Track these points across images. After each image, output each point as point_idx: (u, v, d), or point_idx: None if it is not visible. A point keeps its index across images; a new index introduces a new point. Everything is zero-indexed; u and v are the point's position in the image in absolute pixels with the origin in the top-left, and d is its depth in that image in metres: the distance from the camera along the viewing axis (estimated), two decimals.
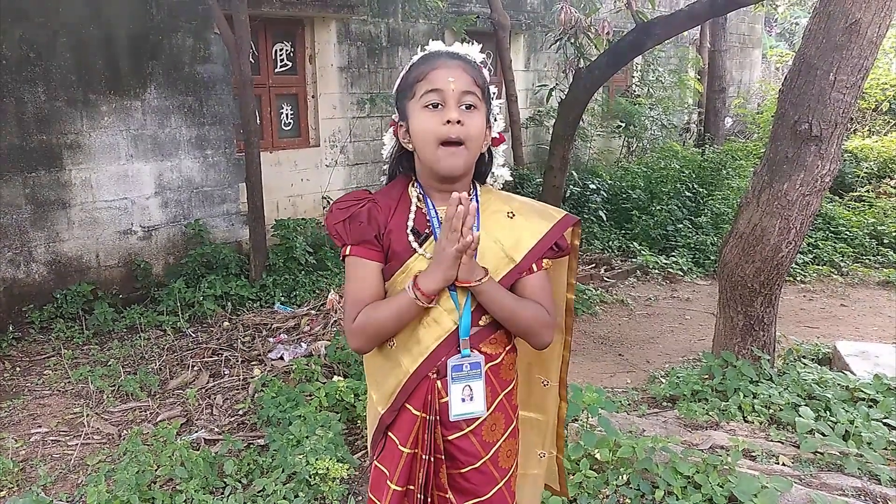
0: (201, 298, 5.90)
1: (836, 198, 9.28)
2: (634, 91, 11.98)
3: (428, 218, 1.67)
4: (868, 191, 9.72)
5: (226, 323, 5.67)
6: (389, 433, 1.72)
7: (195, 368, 4.77)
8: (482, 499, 1.72)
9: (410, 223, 1.66)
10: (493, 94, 1.73)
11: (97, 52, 5.88)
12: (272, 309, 5.98)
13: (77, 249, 5.96)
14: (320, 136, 7.98)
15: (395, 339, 1.68)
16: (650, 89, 11.79)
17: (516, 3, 10.01)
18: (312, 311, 5.55)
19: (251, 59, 6.43)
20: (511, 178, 1.88)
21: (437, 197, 1.69)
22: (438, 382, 1.65)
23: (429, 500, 1.69)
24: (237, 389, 4.45)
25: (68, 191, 5.86)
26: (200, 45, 6.54)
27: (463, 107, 1.60)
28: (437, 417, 1.66)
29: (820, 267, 7.30)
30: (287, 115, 7.84)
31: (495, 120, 1.73)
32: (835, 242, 7.83)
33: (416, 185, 1.72)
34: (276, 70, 7.67)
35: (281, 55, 7.70)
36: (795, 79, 3.55)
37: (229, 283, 6.18)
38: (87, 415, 4.11)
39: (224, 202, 6.94)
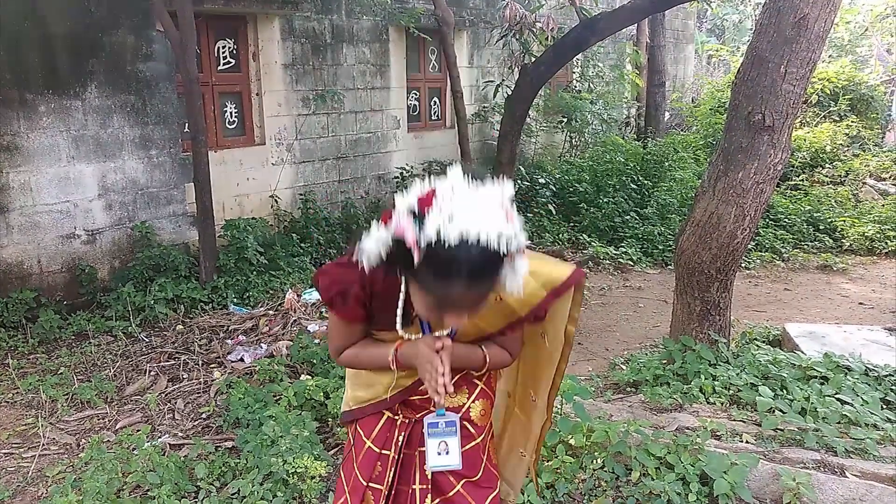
0: (152, 302, 5.73)
1: (775, 187, 9.63)
2: (575, 86, 12.15)
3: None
4: (803, 180, 10.13)
5: (179, 326, 5.53)
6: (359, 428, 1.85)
7: (152, 373, 4.65)
8: (472, 479, 1.79)
9: (399, 309, 1.65)
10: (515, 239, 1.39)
11: (34, 50, 5.65)
12: (226, 310, 5.86)
13: (17, 255, 5.73)
14: (266, 134, 7.83)
15: None
16: (591, 84, 11.97)
17: (459, 0, 10.03)
18: (270, 312, 5.46)
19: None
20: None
21: None
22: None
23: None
24: (198, 393, 4.35)
25: (6, 194, 5.62)
26: (142, 42, 6.34)
27: None
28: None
29: (763, 253, 7.57)
30: (231, 113, 7.67)
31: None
32: (775, 229, 8.14)
33: None
34: (219, 68, 7.49)
35: (224, 52, 7.53)
36: (748, 71, 3.68)
37: (180, 286, 6.02)
38: (42, 425, 3.96)
39: (170, 203, 6.76)
